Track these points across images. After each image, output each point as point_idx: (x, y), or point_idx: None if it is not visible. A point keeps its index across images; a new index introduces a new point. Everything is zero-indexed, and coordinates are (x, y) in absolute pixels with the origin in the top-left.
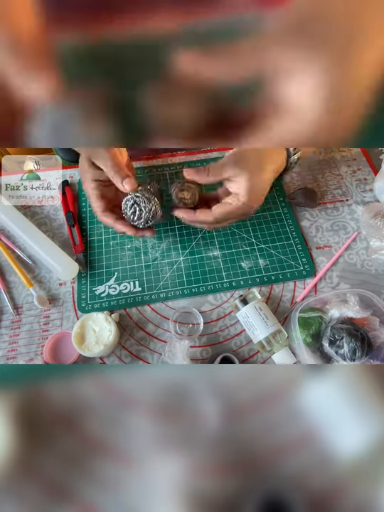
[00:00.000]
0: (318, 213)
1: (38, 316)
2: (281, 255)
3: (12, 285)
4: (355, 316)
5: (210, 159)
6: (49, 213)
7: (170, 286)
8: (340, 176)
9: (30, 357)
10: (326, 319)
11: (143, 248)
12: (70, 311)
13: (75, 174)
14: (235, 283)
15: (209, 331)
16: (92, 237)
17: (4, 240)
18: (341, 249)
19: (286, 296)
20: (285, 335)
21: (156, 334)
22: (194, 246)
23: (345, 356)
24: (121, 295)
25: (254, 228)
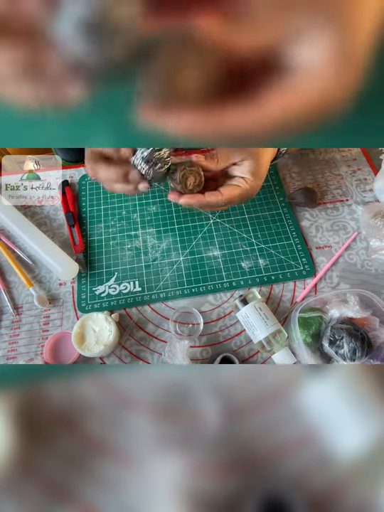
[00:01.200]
0: (318, 213)
1: (38, 316)
2: (281, 255)
3: (12, 285)
4: (355, 316)
5: None
6: (49, 213)
7: (170, 286)
8: (340, 176)
9: (30, 357)
10: (326, 319)
11: (143, 248)
12: (70, 311)
13: (75, 174)
14: (235, 283)
15: (209, 331)
16: (92, 237)
17: (4, 240)
18: (341, 249)
19: (286, 296)
20: (285, 335)
21: (156, 334)
22: (194, 246)
23: (345, 356)
24: (121, 295)
25: (254, 228)
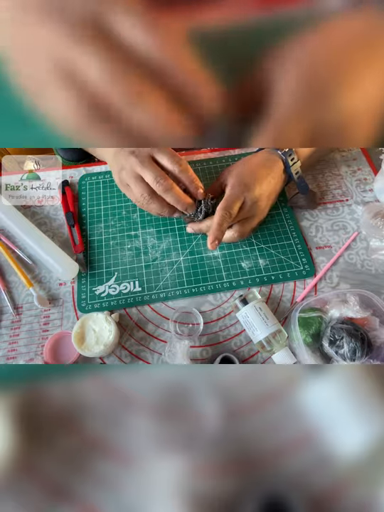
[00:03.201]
0: (318, 213)
1: (38, 316)
2: (281, 255)
3: (12, 285)
4: (355, 316)
5: (209, 159)
6: (49, 213)
7: (170, 286)
8: (340, 176)
9: (30, 357)
10: (326, 319)
11: (143, 248)
12: (70, 311)
13: (75, 174)
14: (235, 283)
15: (209, 331)
16: (92, 237)
17: (4, 240)
18: (341, 249)
19: (286, 296)
20: (285, 335)
21: (156, 334)
22: (194, 246)
23: (345, 356)
24: (121, 295)
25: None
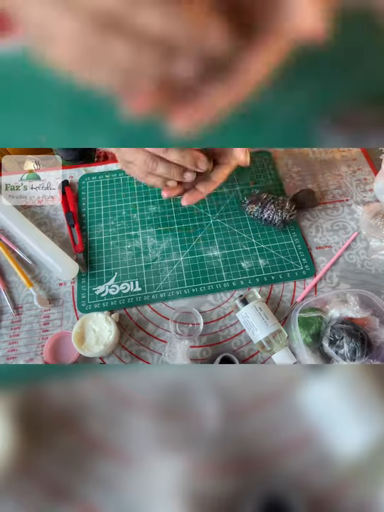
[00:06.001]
0: (318, 213)
1: (38, 316)
2: (281, 255)
3: (12, 285)
4: (355, 316)
5: None
6: (49, 213)
7: (170, 286)
8: (340, 176)
9: (30, 357)
10: (326, 319)
11: (143, 248)
12: (70, 311)
13: (75, 174)
14: (235, 283)
15: (209, 331)
16: (92, 237)
17: (4, 240)
18: (341, 249)
19: (286, 296)
20: (285, 335)
21: (156, 334)
22: (194, 246)
23: (345, 356)
24: (121, 295)
25: (254, 228)
